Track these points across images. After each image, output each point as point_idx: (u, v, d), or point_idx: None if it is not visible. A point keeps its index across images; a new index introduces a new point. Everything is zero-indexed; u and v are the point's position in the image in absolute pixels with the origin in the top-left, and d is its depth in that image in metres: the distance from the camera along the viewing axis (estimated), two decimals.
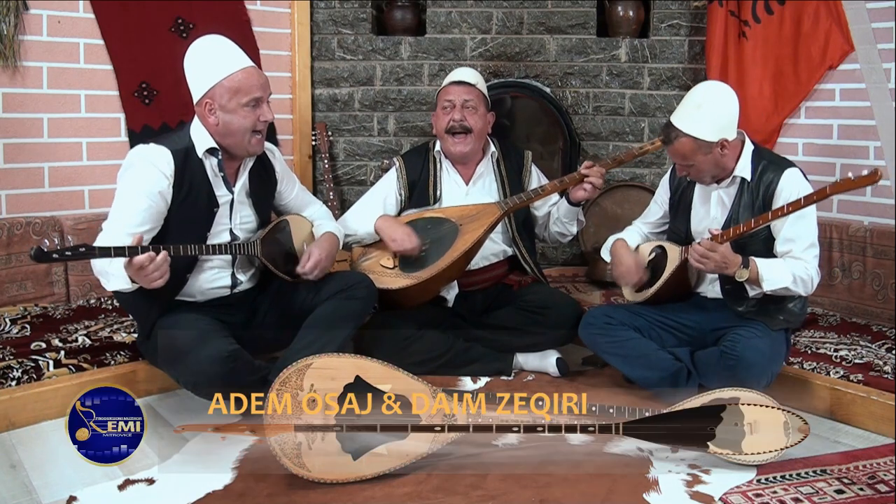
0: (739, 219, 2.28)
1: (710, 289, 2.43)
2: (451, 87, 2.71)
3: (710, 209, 2.39)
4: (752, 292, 2.28)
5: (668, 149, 2.31)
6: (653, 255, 2.52)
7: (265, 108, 2.16)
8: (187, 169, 2.14)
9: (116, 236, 1.97)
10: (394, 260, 2.64)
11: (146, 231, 2.05)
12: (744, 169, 2.31)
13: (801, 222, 2.23)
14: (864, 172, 2.03)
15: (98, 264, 2.00)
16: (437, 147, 2.77)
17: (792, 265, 2.21)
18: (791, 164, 2.31)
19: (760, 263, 2.20)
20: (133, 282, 1.94)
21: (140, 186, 2.08)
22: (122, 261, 1.90)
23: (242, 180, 2.26)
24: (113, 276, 1.96)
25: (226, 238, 2.25)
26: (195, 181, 2.15)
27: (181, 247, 2.03)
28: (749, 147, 2.34)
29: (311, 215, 2.54)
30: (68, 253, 1.85)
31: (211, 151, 2.16)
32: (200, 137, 2.16)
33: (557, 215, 2.74)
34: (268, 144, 2.39)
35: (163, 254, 1.91)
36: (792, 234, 2.24)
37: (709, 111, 2.23)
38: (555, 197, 2.75)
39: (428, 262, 2.59)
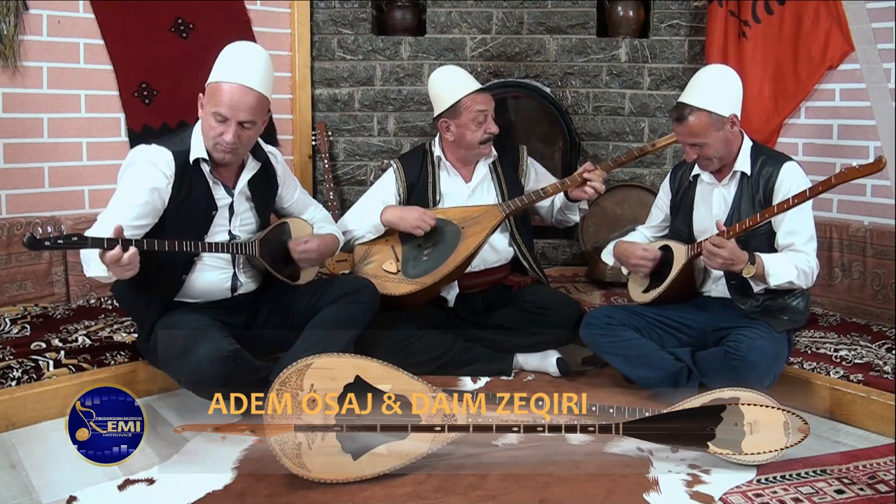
0: (742, 214, 2.29)
1: (715, 287, 2.44)
2: (479, 97, 2.65)
3: (713, 207, 2.40)
4: (756, 288, 2.29)
5: (681, 128, 2.30)
6: (659, 250, 2.52)
7: (228, 128, 2.09)
8: (187, 171, 2.14)
9: (110, 228, 1.96)
10: (396, 264, 2.65)
11: (141, 225, 2.06)
12: (743, 164, 2.33)
13: (801, 215, 2.25)
14: (870, 159, 2.04)
15: (83, 251, 2.00)
16: (437, 150, 2.76)
17: (795, 259, 2.23)
18: (789, 157, 2.34)
19: (766, 259, 2.21)
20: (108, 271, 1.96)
21: (139, 182, 2.09)
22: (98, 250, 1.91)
23: (243, 183, 2.26)
24: (93, 261, 1.97)
25: (224, 240, 2.24)
26: (194, 183, 2.16)
27: (179, 243, 2.03)
28: (748, 143, 2.36)
29: (311, 218, 2.54)
30: (61, 241, 1.85)
31: (203, 160, 2.17)
32: (196, 144, 2.16)
33: (559, 206, 2.78)
34: (269, 148, 2.39)
35: (133, 250, 1.91)
36: (794, 226, 2.25)
37: (718, 86, 2.29)
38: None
39: (431, 266, 2.59)
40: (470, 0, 3.68)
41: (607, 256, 2.66)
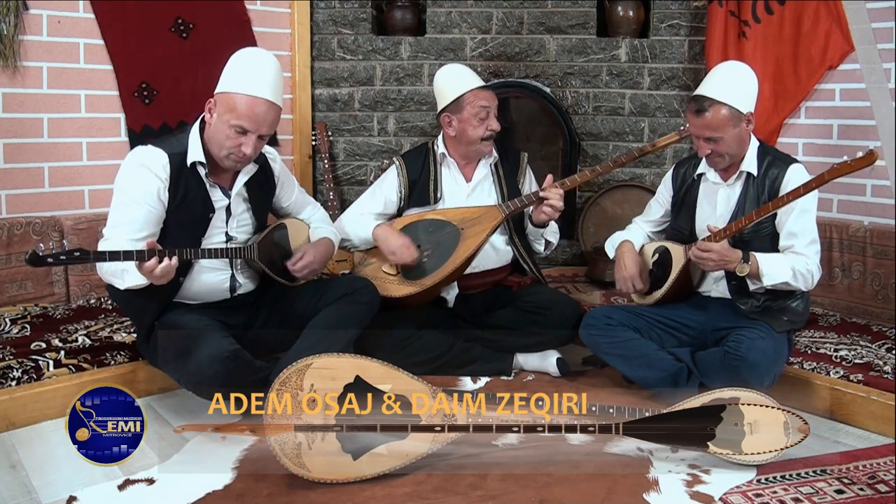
0: (745, 214, 2.29)
1: (715, 288, 2.44)
2: (482, 93, 2.65)
3: (717, 206, 2.40)
4: (752, 287, 2.29)
5: (698, 121, 2.27)
6: (656, 256, 2.52)
7: (249, 141, 2.10)
8: (183, 173, 2.14)
9: (118, 245, 2.00)
10: (396, 266, 2.64)
11: (147, 237, 2.06)
12: (750, 164, 2.33)
13: (804, 217, 2.25)
14: (860, 154, 2.03)
15: (110, 266, 2.02)
16: (441, 148, 2.76)
17: (792, 260, 2.22)
18: (795, 159, 2.34)
19: (760, 258, 2.21)
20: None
21: (137, 194, 2.09)
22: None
23: (239, 185, 2.26)
24: (128, 273, 1.99)
25: (221, 241, 2.24)
26: (191, 186, 2.16)
27: (179, 250, 2.03)
28: (755, 143, 2.36)
29: (308, 217, 2.54)
30: (63, 257, 1.85)
31: (200, 163, 2.16)
32: (194, 147, 2.16)
33: (527, 231, 2.75)
34: (267, 148, 2.38)
35: (169, 259, 1.93)
36: (795, 228, 2.25)
37: (739, 82, 2.28)
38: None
39: (431, 269, 2.59)
40: (470, 0, 3.68)
41: (609, 249, 2.66)
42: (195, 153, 2.15)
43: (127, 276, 2.00)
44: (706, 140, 2.29)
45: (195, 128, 2.18)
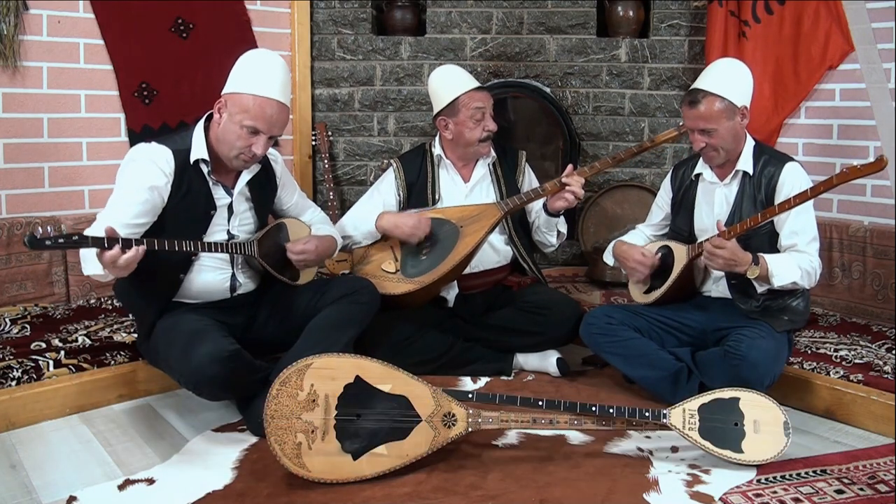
0: (743, 214, 2.30)
1: (715, 288, 2.44)
2: (477, 95, 2.65)
3: (714, 206, 2.40)
4: (759, 289, 2.29)
5: (693, 112, 2.29)
6: (658, 254, 2.52)
7: (259, 141, 2.12)
8: (187, 170, 2.15)
9: (109, 223, 1.96)
10: (395, 264, 2.64)
11: (141, 223, 2.06)
12: (746, 163, 2.34)
13: (804, 215, 2.26)
14: (870, 159, 2.04)
15: (81, 249, 1.99)
16: (438, 149, 2.77)
17: (798, 259, 2.23)
18: (791, 158, 2.35)
19: (769, 260, 2.21)
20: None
21: (138, 180, 2.09)
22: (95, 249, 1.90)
23: (242, 184, 2.26)
24: (89, 260, 1.97)
25: (223, 239, 2.24)
26: (194, 183, 2.16)
27: (178, 242, 2.03)
28: (751, 142, 2.37)
29: (309, 220, 2.54)
30: (62, 240, 1.84)
31: (203, 161, 2.17)
32: (197, 144, 2.16)
33: (538, 224, 2.75)
34: (270, 149, 2.39)
35: (133, 250, 1.89)
36: (797, 226, 2.26)
37: (733, 77, 2.31)
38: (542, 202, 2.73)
39: (430, 266, 2.58)
40: (470, 0, 3.69)
41: (608, 257, 2.66)
42: (199, 151, 2.16)
43: (87, 265, 1.99)
44: (701, 132, 2.30)
45: (199, 126, 2.19)
